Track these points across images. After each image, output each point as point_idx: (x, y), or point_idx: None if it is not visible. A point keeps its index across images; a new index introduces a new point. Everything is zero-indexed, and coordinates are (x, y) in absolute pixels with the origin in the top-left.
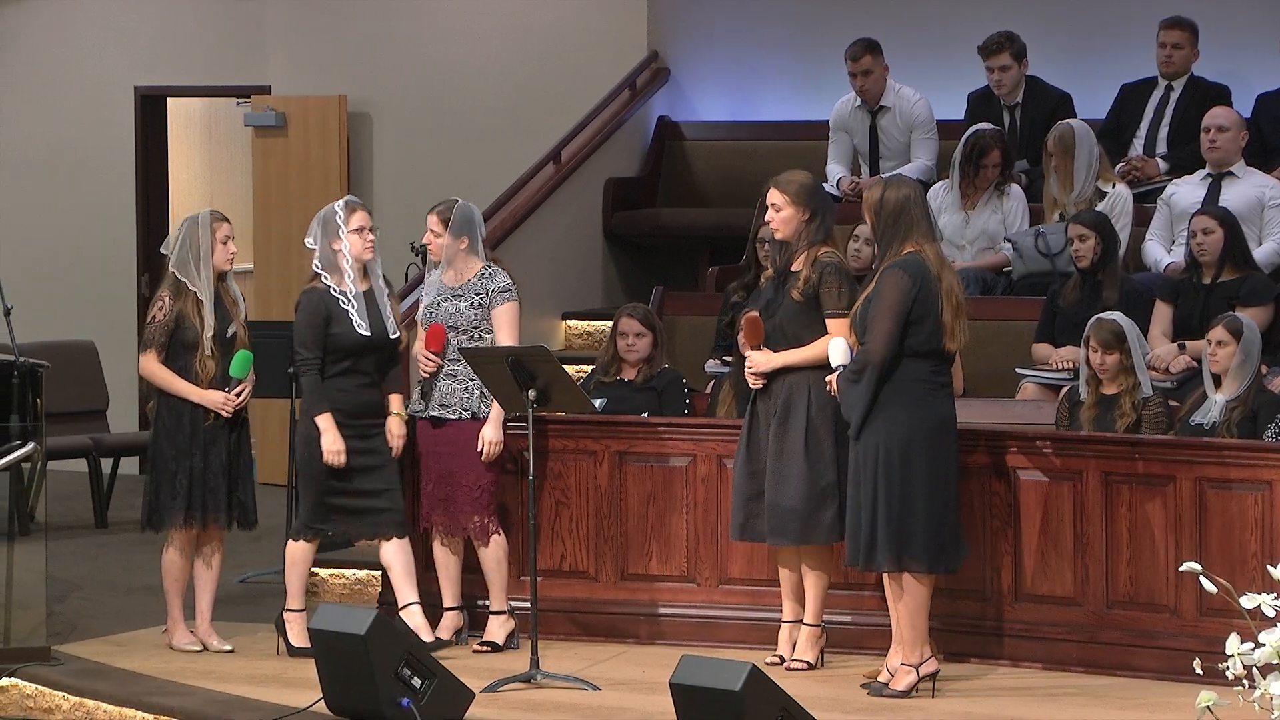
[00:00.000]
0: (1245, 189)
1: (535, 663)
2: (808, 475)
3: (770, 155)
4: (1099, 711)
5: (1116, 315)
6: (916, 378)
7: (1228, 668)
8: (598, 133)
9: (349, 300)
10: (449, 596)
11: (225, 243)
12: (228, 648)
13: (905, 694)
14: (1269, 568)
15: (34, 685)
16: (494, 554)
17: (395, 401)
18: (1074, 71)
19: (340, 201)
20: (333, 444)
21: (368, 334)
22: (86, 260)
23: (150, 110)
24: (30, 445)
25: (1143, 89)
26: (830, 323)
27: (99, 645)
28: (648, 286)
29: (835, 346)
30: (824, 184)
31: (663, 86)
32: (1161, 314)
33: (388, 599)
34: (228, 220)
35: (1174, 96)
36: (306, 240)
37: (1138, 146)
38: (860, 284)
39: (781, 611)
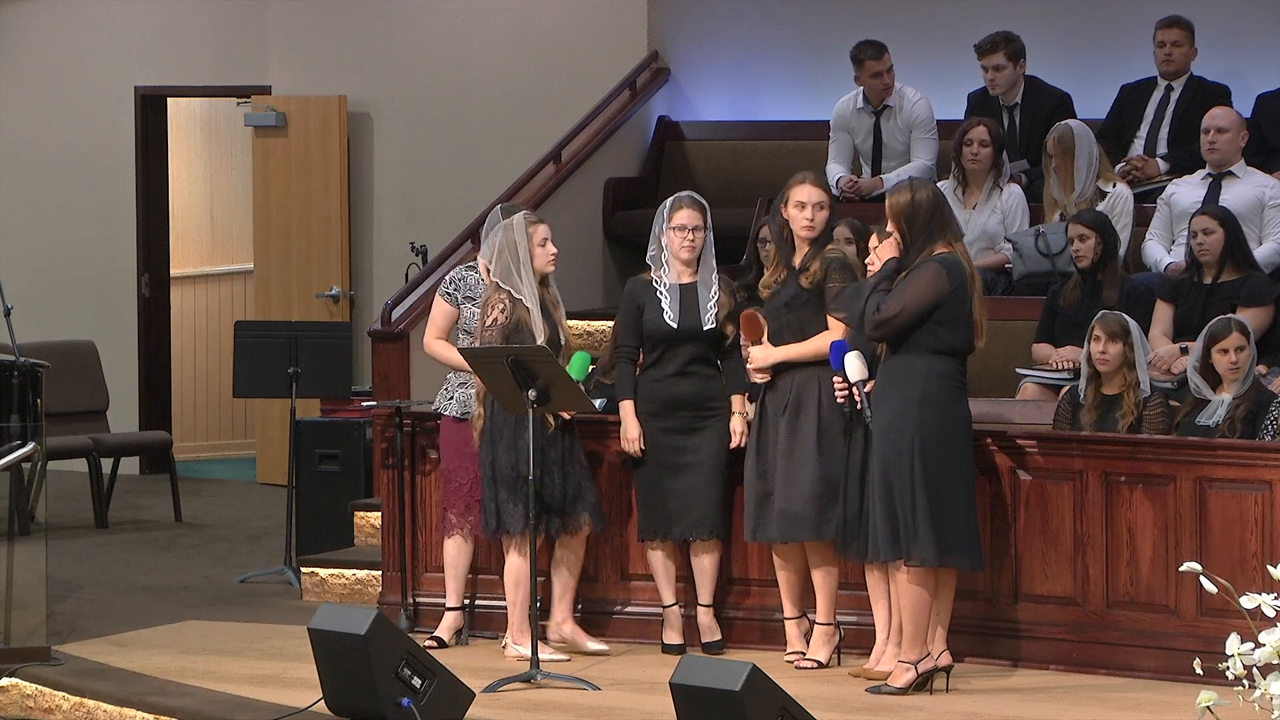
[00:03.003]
0: (1245, 189)
1: (535, 663)
2: (819, 473)
3: (770, 155)
4: (1099, 711)
5: (1120, 314)
6: (948, 375)
7: (1228, 668)
8: (598, 133)
9: (664, 291)
10: (458, 596)
11: (544, 245)
12: (601, 647)
13: (903, 691)
14: (1269, 568)
15: (34, 685)
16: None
17: (736, 401)
18: (1074, 71)
19: (671, 197)
20: (627, 431)
21: (673, 324)
22: (86, 260)
23: (150, 110)
24: (30, 445)
25: (1143, 89)
26: (833, 319)
27: (99, 645)
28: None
29: (851, 361)
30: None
31: (663, 86)
32: (1162, 314)
33: (388, 599)
34: (543, 222)
35: (1174, 96)
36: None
37: (1138, 146)
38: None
39: (783, 610)
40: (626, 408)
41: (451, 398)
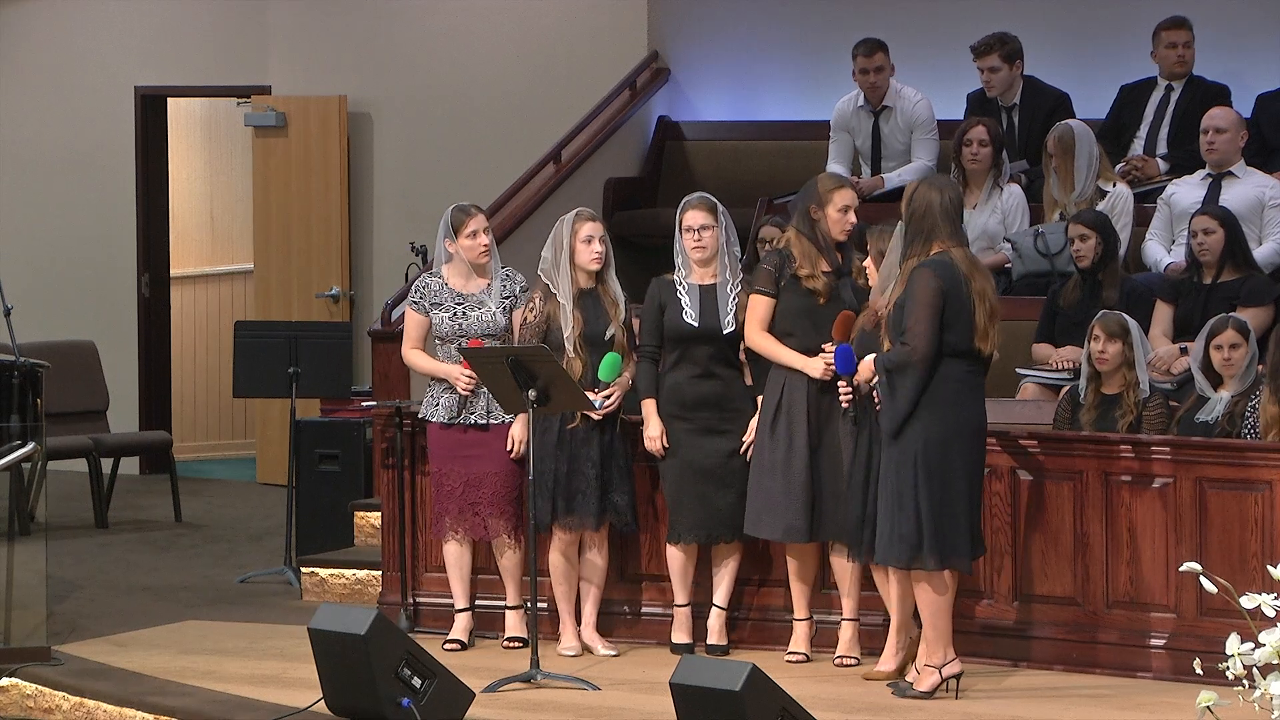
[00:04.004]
0: (1245, 189)
1: (535, 663)
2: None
3: (770, 155)
4: (1099, 711)
5: (1120, 314)
6: (954, 377)
7: (1228, 668)
8: (598, 133)
9: (685, 291)
10: (465, 597)
11: (589, 242)
12: (612, 652)
13: (929, 695)
14: (1269, 568)
15: (34, 685)
16: (519, 555)
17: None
18: (1074, 71)
19: (684, 200)
20: (650, 430)
21: (694, 323)
22: (86, 260)
23: (150, 110)
24: (30, 445)
25: (1142, 89)
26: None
27: (99, 645)
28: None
29: (841, 353)
30: None
31: (663, 86)
32: (1162, 314)
33: (388, 599)
34: (594, 219)
35: (1174, 97)
36: None
37: (1138, 146)
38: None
39: (794, 611)
40: (648, 406)
41: (437, 404)
